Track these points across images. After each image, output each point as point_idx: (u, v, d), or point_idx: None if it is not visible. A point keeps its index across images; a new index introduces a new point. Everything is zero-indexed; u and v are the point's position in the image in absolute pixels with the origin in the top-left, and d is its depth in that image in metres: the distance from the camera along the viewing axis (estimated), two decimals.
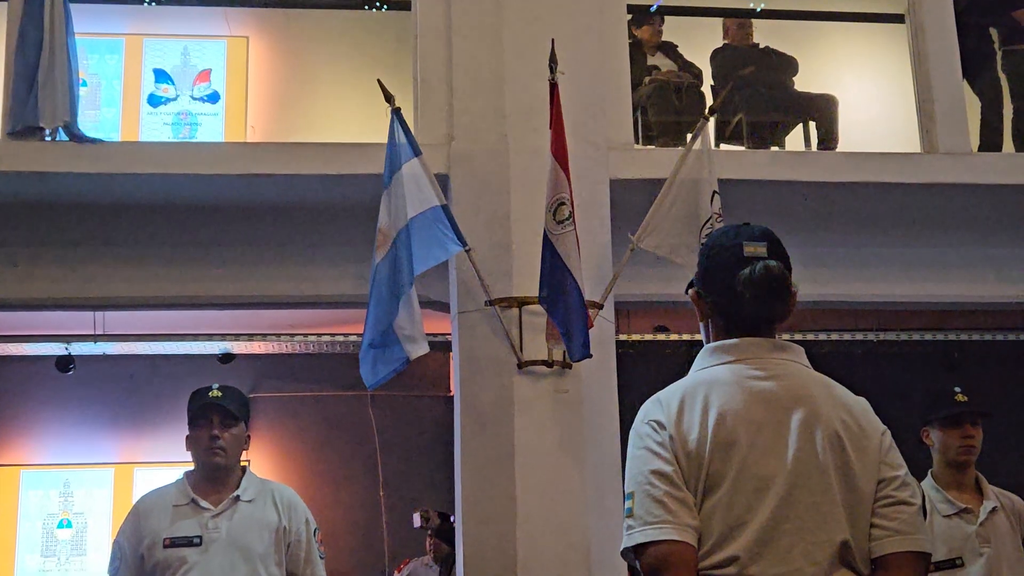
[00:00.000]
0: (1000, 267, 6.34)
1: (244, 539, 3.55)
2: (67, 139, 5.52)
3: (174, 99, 7.84)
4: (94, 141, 5.64)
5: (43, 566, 8.06)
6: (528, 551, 4.86)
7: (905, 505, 2.17)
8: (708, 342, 2.34)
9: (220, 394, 3.67)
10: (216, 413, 3.64)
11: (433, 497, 7.42)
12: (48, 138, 5.52)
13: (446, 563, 6.75)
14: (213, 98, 7.89)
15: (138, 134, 7.63)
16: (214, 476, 3.65)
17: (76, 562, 8.04)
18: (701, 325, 2.38)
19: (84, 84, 6.70)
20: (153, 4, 7.60)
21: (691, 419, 2.17)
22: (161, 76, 7.88)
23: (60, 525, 8.13)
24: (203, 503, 3.60)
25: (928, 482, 3.97)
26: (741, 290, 2.24)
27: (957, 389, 3.99)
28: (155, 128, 7.73)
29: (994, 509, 3.90)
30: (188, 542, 3.52)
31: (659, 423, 2.19)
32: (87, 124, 5.95)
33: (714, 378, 2.23)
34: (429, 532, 7.26)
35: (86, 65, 7.11)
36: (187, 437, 3.68)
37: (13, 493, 8.18)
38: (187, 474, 3.71)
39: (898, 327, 6.94)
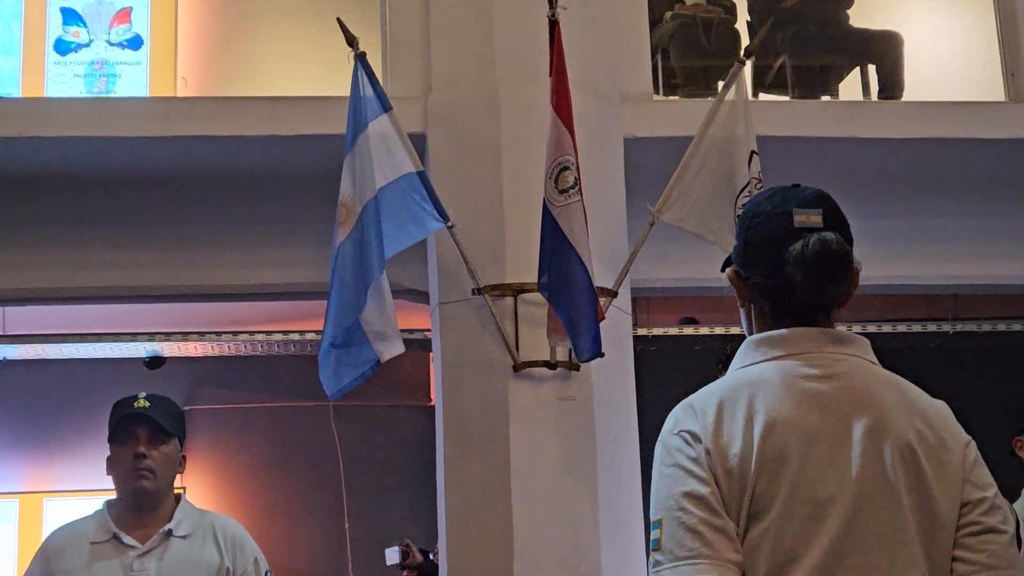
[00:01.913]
0: None
1: None
2: None
3: (87, 45, 7.81)
4: None
5: None
6: None
7: (995, 533, 2.17)
8: (751, 334, 2.33)
9: (148, 404, 3.64)
10: (143, 427, 3.60)
11: (410, 530, 7.43)
12: None
13: None
14: (135, 43, 7.85)
15: (43, 88, 7.61)
16: (141, 506, 3.62)
17: None
18: (742, 312, 2.37)
19: None
20: None
21: (732, 429, 2.16)
22: (71, 17, 7.85)
23: None
24: (127, 539, 3.56)
25: (1023, 504, 3.98)
26: (791, 269, 2.22)
27: None
28: (64, 81, 7.70)
29: None
30: None
31: (692, 434, 2.17)
32: None
33: (759, 378, 2.22)
34: (405, 572, 7.25)
35: None
36: (108, 458, 3.65)
37: None
38: (108, 504, 3.68)
39: (980, 315, 6.93)
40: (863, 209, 2.71)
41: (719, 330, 6.92)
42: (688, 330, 6.75)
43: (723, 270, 2.40)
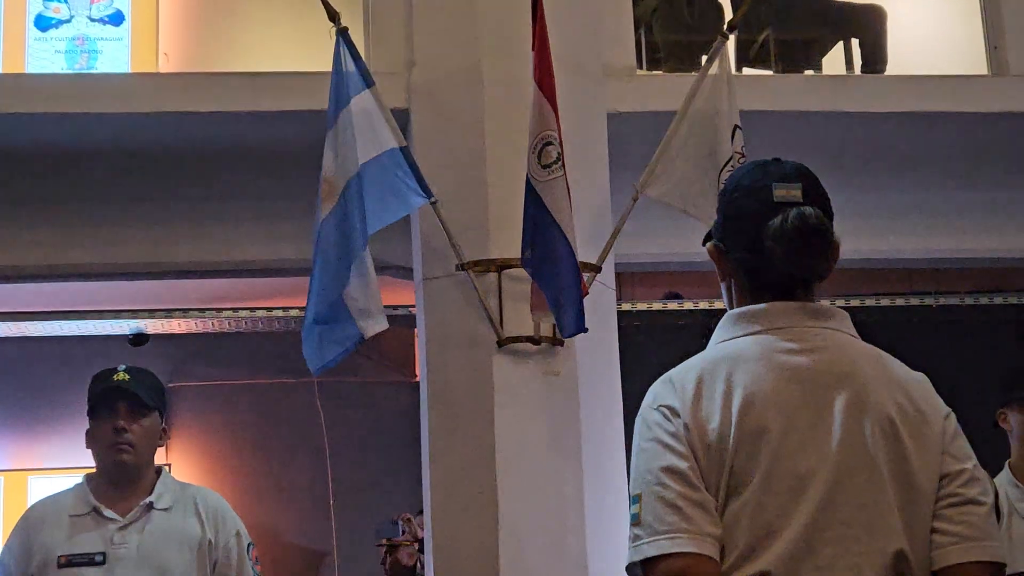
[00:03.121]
0: None
1: (159, 556, 3.53)
2: None
3: (68, 21, 7.77)
4: None
5: None
6: (513, 566, 4.89)
7: (974, 505, 2.18)
8: (731, 308, 2.34)
9: (127, 377, 3.64)
10: (122, 400, 3.60)
11: (396, 506, 7.43)
12: None
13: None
14: (116, 19, 7.82)
15: (23, 64, 7.57)
16: (121, 479, 3.62)
17: None
18: (722, 287, 2.38)
19: None
20: None
21: (711, 404, 2.17)
22: None
23: None
24: (108, 512, 3.57)
25: (1005, 476, 4.00)
26: (771, 243, 2.23)
27: None
28: (45, 56, 7.66)
29: None
30: (89, 560, 3.50)
31: (672, 409, 2.18)
32: None
33: (738, 353, 2.23)
34: (382, 544, 7.20)
35: None
36: (87, 432, 3.65)
37: None
38: (88, 478, 3.68)
39: (962, 289, 6.95)
40: (845, 183, 2.72)
41: (703, 305, 6.92)
42: (672, 305, 6.77)
43: (704, 244, 2.40)
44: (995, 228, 6.32)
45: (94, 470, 3.69)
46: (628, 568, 2.18)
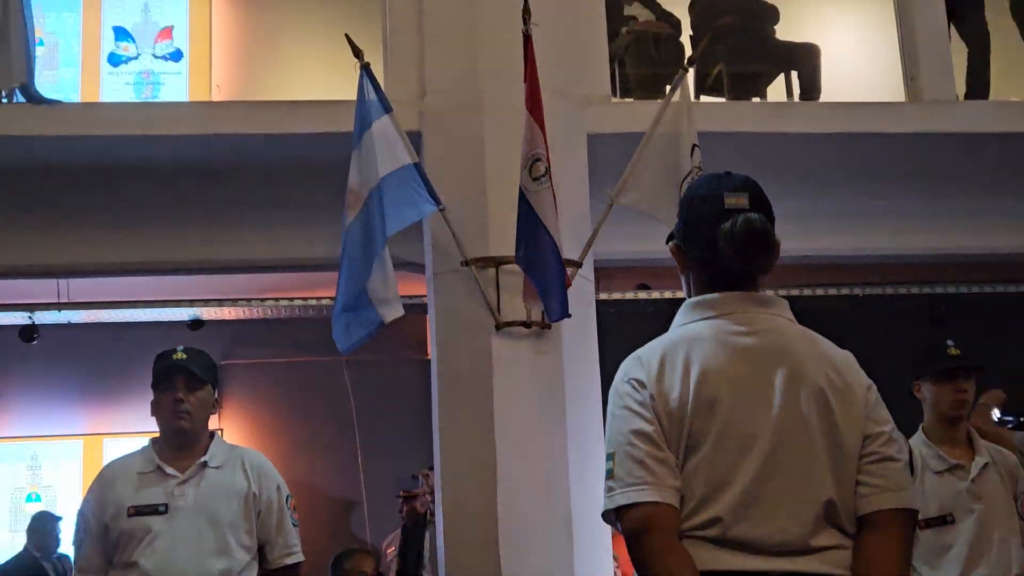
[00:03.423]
0: (987, 219, 6.37)
1: (212, 507, 3.51)
2: (24, 101, 5.47)
3: (135, 58, 7.76)
4: (52, 102, 5.61)
5: (12, 541, 8.04)
6: (509, 515, 4.88)
7: (891, 461, 2.17)
8: (689, 297, 2.34)
9: (185, 356, 3.62)
10: (180, 376, 3.59)
11: (413, 463, 7.41)
12: (4, 100, 5.47)
13: (417, 527, 6.70)
14: (176, 56, 7.81)
15: (99, 94, 7.56)
16: (180, 442, 3.60)
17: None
18: (682, 279, 2.38)
19: (41, 43, 6.62)
20: None
21: (672, 377, 2.16)
22: (121, 34, 7.80)
23: (29, 499, 8.13)
24: (169, 470, 3.56)
25: (919, 438, 3.98)
26: (722, 244, 2.22)
27: (950, 343, 4.01)
28: (116, 88, 7.66)
29: (986, 465, 3.92)
30: (153, 510, 3.48)
31: (639, 382, 2.18)
32: (45, 85, 5.90)
33: (695, 335, 2.22)
34: (400, 495, 7.17)
35: (43, 23, 7.02)
36: (151, 402, 3.64)
37: None
38: (153, 441, 3.67)
39: (883, 281, 6.95)
40: (786, 192, 2.72)
41: (668, 294, 6.91)
42: (642, 295, 6.77)
43: (668, 243, 2.40)
44: (911, 231, 6.31)
45: (158, 434, 3.68)
46: (604, 514, 2.18)
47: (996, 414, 4.72)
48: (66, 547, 5.75)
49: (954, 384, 3.94)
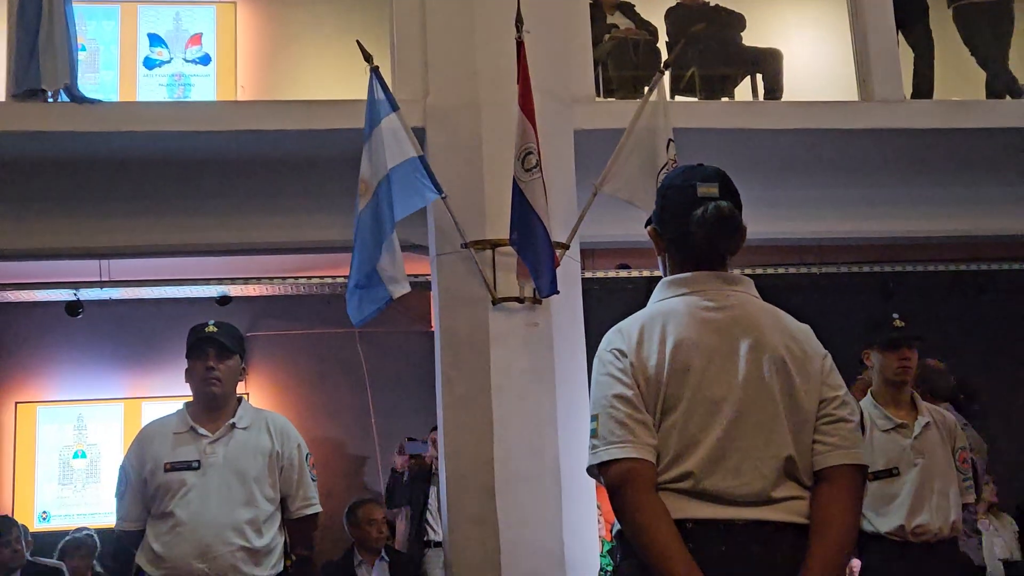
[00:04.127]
0: (930, 205, 6.38)
1: (240, 463, 3.52)
2: (68, 100, 5.46)
3: (168, 62, 7.73)
4: (94, 102, 5.59)
5: (61, 493, 8.07)
6: (504, 469, 4.90)
7: (844, 422, 2.18)
8: (665, 275, 2.33)
9: (215, 329, 3.62)
10: (212, 346, 3.59)
11: (419, 423, 7.42)
12: (50, 100, 5.46)
13: (424, 480, 6.71)
14: (205, 60, 7.78)
15: (135, 95, 7.54)
16: (211, 405, 3.61)
17: (91, 489, 8.07)
18: (659, 259, 2.37)
19: (83, 49, 6.58)
20: None
21: (650, 347, 2.16)
22: (155, 40, 7.77)
23: (75, 456, 8.14)
24: (201, 430, 3.56)
25: (868, 400, 4.00)
26: (694, 228, 2.22)
27: (895, 316, 4.02)
28: (151, 89, 7.63)
29: (927, 424, 3.94)
30: (187, 466, 3.49)
31: (621, 351, 2.18)
32: (87, 86, 5.88)
33: (670, 309, 2.22)
34: (400, 450, 7.15)
35: (84, 31, 6.98)
36: (186, 370, 3.64)
37: (31, 428, 8.17)
38: (186, 404, 3.68)
39: (838, 261, 6.96)
40: (752, 182, 2.71)
41: (646, 273, 6.92)
42: (623, 273, 6.76)
43: (646, 227, 2.40)
44: (864, 215, 6.31)
45: (191, 398, 3.68)
46: (588, 469, 2.19)
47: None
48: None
49: (898, 353, 3.96)
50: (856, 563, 4.16)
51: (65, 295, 7.21)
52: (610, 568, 5.31)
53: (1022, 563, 6.14)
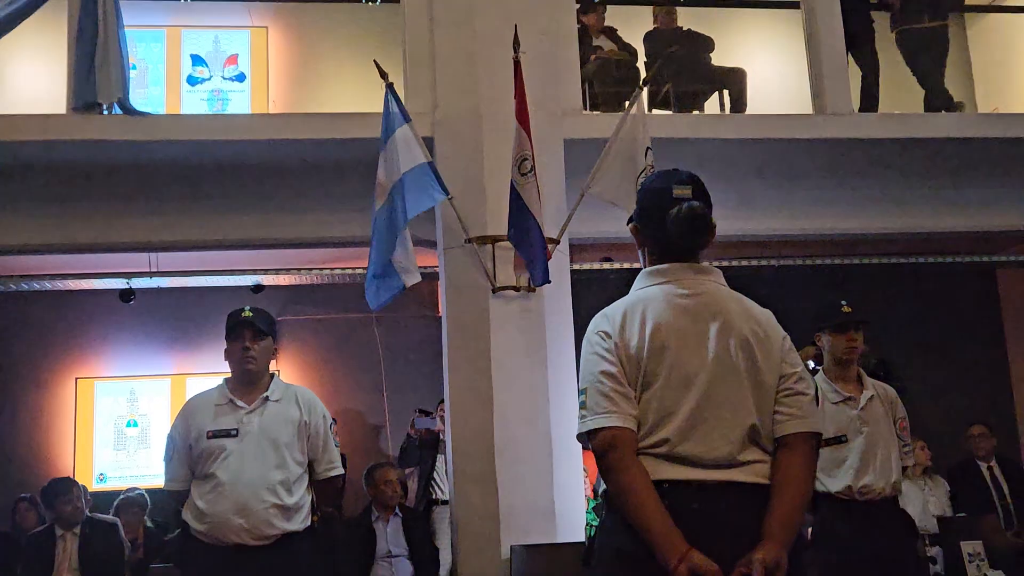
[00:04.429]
0: (877, 205, 6.38)
1: (273, 431, 3.51)
2: (121, 112, 5.44)
3: (208, 79, 7.71)
4: (143, 114, 5.58)
5: (115, 458, 8.06)
6: (502, 435, 4.91)
7: (801, 395, 2.17)
8: (644, 267, 2.32)
9: (251, 314, 3.60)
10: (248, 329, 3.57)
11: (428, 397, 7.42)
12: (105, 112, 5.44)
13: (433, 447, 6.70)
14: (240, 78, 7.76)
15: (180, 108, 7.52)
16: (247, 381, 3.59)
17: (142, 454, 8.07)
18: (639, 253, 2.35)
19: (134, 68, 6.56)
20: (188, 0, 7.42)
21: (631, 329, 2.15)
22: (197, 60, 7.74)
23: (128, 425, 8.13)
24: (239, 402, 3.54)
25: (820, 376, 3.99)
26: (670, 225, 2.20)
27: (843, 302, 4.00)
28: (193, 103, 7.61)
29: (872, 397, 3.93)
30: (227, 434, 3.47)
31: (606, 333, 2.17)
32: (137, 100, 5.86)
33: (649, 296, 2.21)
34: (411, 424, 7.15)
35: (135, 51, 6.94)
36: (225, 350, 3.62)
37: (89, 400, 8.16)
38: (226, 380, 3.66)
39: (794, 255, 6.93)
40: (720, 185, 2.70)
41: (627, 265, 6.90)
42: (607, 266, 6.74)
43: (628, 224, 2.39)
44: (819, 213, 6.30)
45: (230, 375, 3.67)
46: (577, 436, 2.18)
47: (811, 364, 4.74)
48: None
49: (846, 335, 3.94)
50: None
51: (119, 284, 7.19)
52: (595, 523, 5.32)
53: (953, 517, 6.14)
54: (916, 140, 6.01)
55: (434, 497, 6.20)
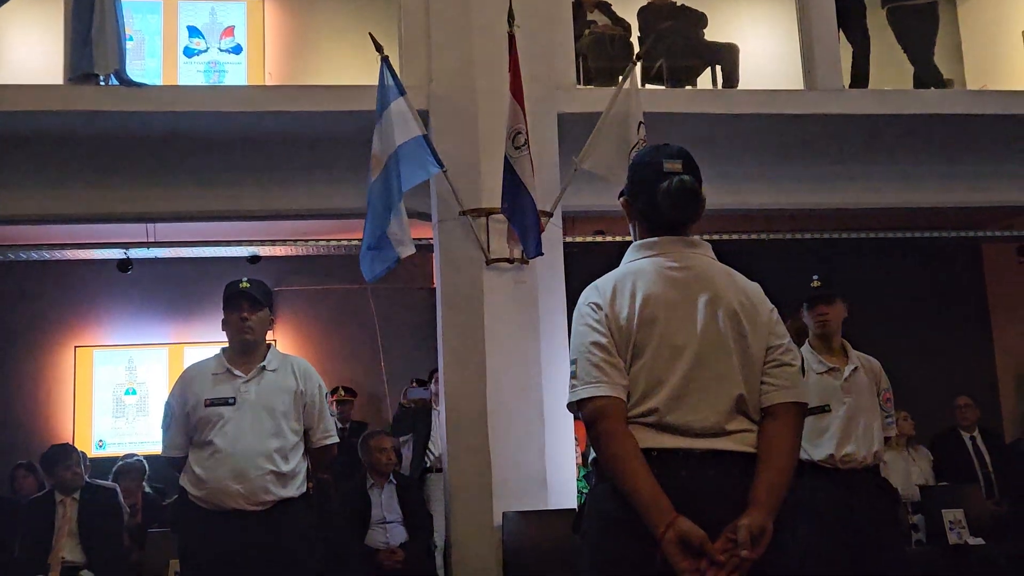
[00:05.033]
0: (866, 180, 6.38)
1: (269, 400, 3.51)
2: (117, 84, 5.41)
3: (205, 51, 7.64)
4: (140, 86, 5.54)
5: (114, 425, 8.09)
6: (495, 404, 4.94)
7: (788, 366, 2.17)
8: (635, 240, 2.31)
9: (248, 285, 3.59)
10: (245, 299, 3.57)
11: (422, 366, 7.43)
12: (102, 83, 5.40)
13: (428, 413, 6.72)
14: (237, 50, 7.69)
15: (176, 80, 7.46)
16: (244, 350, 3.59)
17: (141, 421, 8.09)
18: (630, 226, 2.35)
19: (131, 39, 6.49)
20: None
21: (622, 301, 2.15)
22: (194, 32, 7.67)
23: (126, 392, 8.15)
24: (236, 372, 3.54)
25: (806, 347, 4.01)
26: (661, 199, 2.20)
27: (815, 277, 4.03)
28: (190, 75, 7.55)
29: (855, 369, 3.96)
30: (224, 402, 3.47)
31: (597, 305, 2.17)
32: (134, 72, 5.82)
33: (639, 269, 2.21)
34: (404, 395, 7.15)
35: (131, 23, 6.87)
36: (222, 320, 3.62)
37: (88, 369, 8.17)
38: (223, 350, 3.65)
39: (784, 229, 6.94)
40: (711, 160, 2.70)
41: (619, 238, 6.89)
42: (599, 238, 6.75)
43: (619, 198, 2.38)
44: (808, 188, 6.30)
45: (227, 344, 3.67)
46: (568, 405, 2.18)
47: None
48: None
49: (816, 309, 3.98)
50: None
51: (116, 254, 7.18)
52: (586, 490, 5.35)
53: (935, 486, 6.20)
54: (905, 116, 6.01)
55: (428, 465, 6.22)
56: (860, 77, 6.46)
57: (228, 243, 6.96)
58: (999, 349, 8.39)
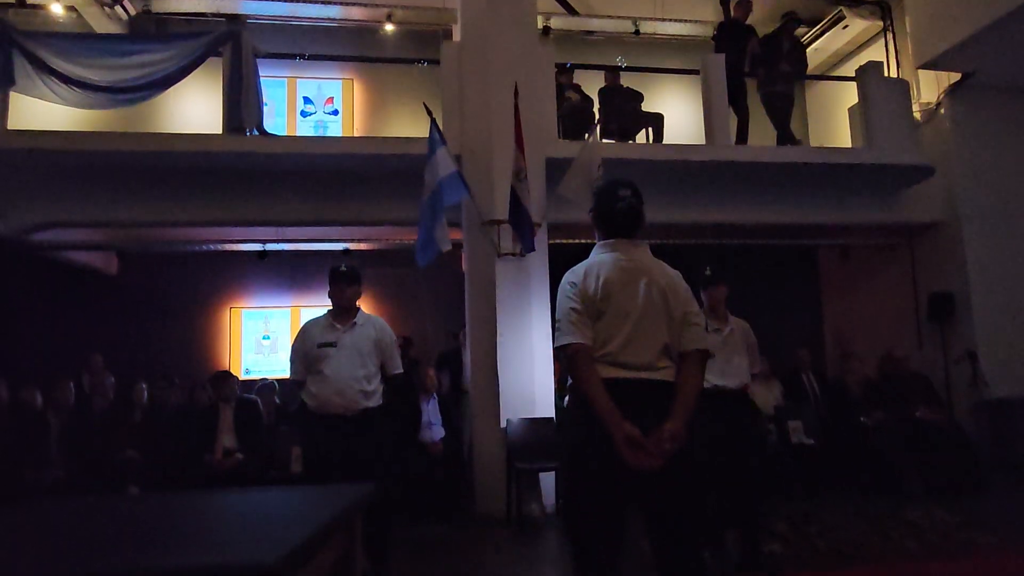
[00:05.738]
0: (744, 204, 6.34)
1: (359, 344, 3.51)
2: (257, 134, 5.36)
3: (314, 113, 7.58)
4: (272, 136, 5.49)
5: (256, 359, 8.08)
6: (503, 349, 4.94)
7: (696, 325, 2.19)
8: (599, 241, 2.31)
9: (346, 269, 3.59)
10: (343, 278, 3.56)
11: (455, 324, 7.39)
12: (247, 133, 5.36)
13: (458, 351, 6.69)
14: (335, 113, 7.63)
15: (296, 132, 7.40)
16: (343, 312, 3.58)
17: (273, 356, 8.08)
18: (596, 232, 2.35)
19: (266, 104, 6.44)
20: (300, 60, 7.27)
21: (590, 281, 2.16)
22: (307, 100, 7.60)
23: (264, 338, 8.14)
24: (338, 325, 3.53)
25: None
26: (616, 214, 2.21)
27: (707, 268, 3.99)
28: (304, 129, 7.50)
29: (731, 330, 3.93)
30: (330, 344, 3.46)
31: (574, 283, 2.18)
32: (269, 126, 5.76)
33: (601, 261, 2.22)
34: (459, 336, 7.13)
35: (267, 93, 6.81)
36: (328, 292, 3.61)
37: (239, 322, 8.13)
38: (329, 311, 3.65)
39: (694, 238, 6.89)
40: (647, 190, 2.67)
41: (587, 240, 6.86)
42: (573, 240, 6.69)
43: (588, 213, 2.37)
44: (707, 209, 6.24)
45: (332, 308, 3.65)
46: (554, 349, 2.19)
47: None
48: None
49: (707, 291, 3.95)
50: None
51: (256, 247, 7.15)
52: (564, 405, 5.38)
53: (784, 405, 6.20)
54: (772, 164, 5.98)
55: (462, 387, 6.23)
56: (742, 137, 6.42)
57: (329, 240, 6.93)
58: (826, 317, 8.44)
